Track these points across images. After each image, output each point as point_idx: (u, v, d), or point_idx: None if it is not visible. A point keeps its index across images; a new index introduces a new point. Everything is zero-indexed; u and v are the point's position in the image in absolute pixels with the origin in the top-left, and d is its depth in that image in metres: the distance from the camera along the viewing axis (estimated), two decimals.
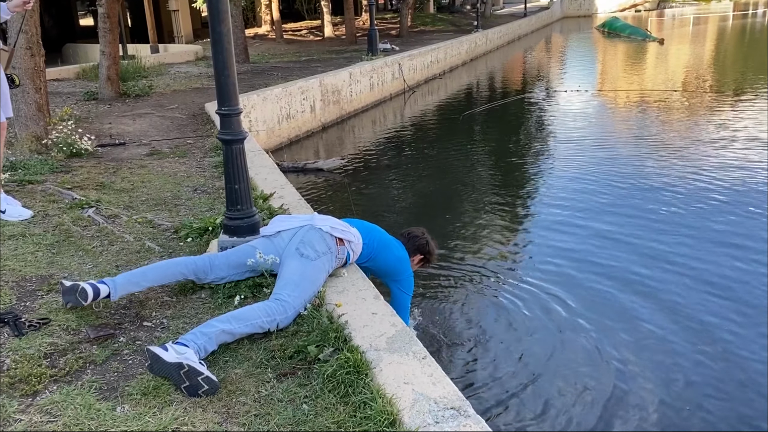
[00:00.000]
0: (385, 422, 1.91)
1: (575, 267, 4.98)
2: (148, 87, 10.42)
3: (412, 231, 3.62)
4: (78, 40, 22.95)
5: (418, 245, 3.55)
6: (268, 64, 15.09)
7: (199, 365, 2.19)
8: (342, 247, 2.96)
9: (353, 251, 3.05)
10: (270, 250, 2.89)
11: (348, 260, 3.03)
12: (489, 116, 12.33)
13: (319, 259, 2.80)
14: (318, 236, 2.87)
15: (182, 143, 6.59)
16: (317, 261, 2.79)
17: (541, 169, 8.18)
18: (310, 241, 2.84)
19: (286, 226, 2.98)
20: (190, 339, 2.32)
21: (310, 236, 2.86)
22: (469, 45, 22.60)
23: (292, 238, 2.89)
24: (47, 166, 5.12)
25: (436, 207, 6.79)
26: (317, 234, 2.88)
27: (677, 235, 5.46)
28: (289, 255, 2.82)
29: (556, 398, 3.40)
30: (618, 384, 3.50)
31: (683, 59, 19.94)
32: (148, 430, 1.95)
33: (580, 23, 41.97)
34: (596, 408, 3.31)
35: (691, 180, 7.00)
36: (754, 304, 4.28)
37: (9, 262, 3.22)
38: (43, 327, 2.57)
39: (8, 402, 2.08)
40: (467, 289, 4.70)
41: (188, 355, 2.21)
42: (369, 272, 3.24)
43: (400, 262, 3.34)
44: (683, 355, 3.76)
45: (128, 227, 3.87)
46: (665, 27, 35.35)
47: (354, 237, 3.05)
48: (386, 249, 3.28)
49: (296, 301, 2.59)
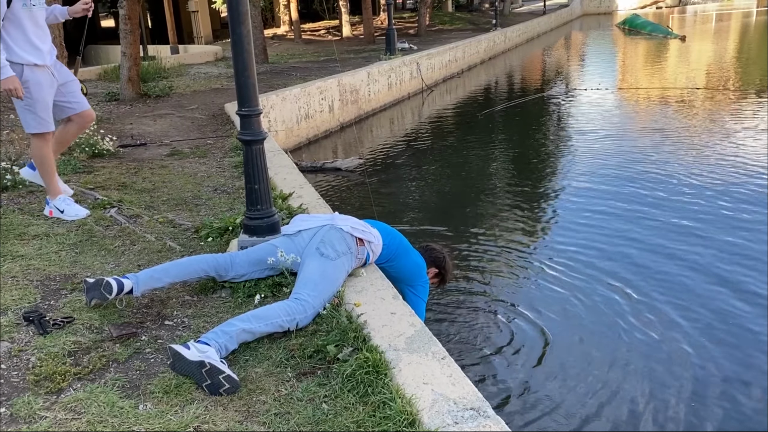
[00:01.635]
0: (404, 422, 1.91)
1: (598, 265, 4.94)
2: (169, 88, 10.52)
3: (431, 245, 3.69)
4: (99, 42, 23.24)
5: (435, 257, 3.59)
6: (287, 64, 15.16)
7: (221, 364, 2.21)
8: (362, 248, 2.97)
9: (373, 252, 3.06)
10: (291, 249, 2.91)
11: (367, 260, 3.05)
12: (508, 115, 12.26)
13: (339, 258, 2.81)
14: (338, 236, 2.89)
15: (202, 143, 6.65)
16: (337, 261, 2.80)
17: (560, 168, 8.12)
18: (330, 241, 2.85)
19: (307, 226, 3.01)
20: (211, 338, 2.34)
21: (331, 236, 2.88)
22: (487, 43, 22.51)
23: (313, 238, 2.91)
24: (70, 167, 5.19)
25: (454, 206, 6.77)
26: (338, 234, 2.89)
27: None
28: (310, 254, 2.83)
29: (578, 398, 3.38)
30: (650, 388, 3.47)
31: (705, 57, 19.67)
32: (170, 428, 1.97)
33: (600, 21, 41.58)
34: (619, 409, 3.28)
35: (713, 176, 6.91)
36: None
37: (33, 261, 3.27)
38: (67, 325, 2.61)
39: (34, 399, 2.12)
40: (487, 289, 4.69)
41: (210, 354, 2.24)
42: (386, 274, 3.25)
43: (417, 267, 3.36)
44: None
45: (150, 227, 3.91)
46: (687, 24, 34.90)
47: (374, 238, 3.06)
48: (406, 253, 3.30)
49: (316, 300, 2.60)
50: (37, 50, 3.71)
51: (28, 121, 3.81)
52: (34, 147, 3.95)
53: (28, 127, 3.84)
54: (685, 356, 3.73)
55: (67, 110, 4.05)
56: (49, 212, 4.02)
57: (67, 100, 4.01)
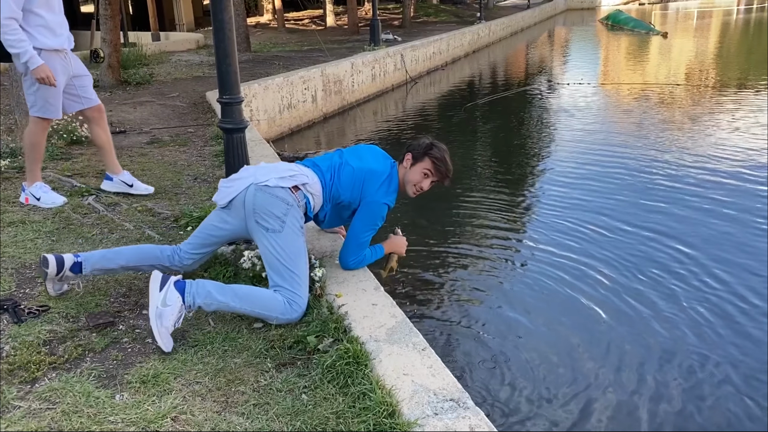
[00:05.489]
0: (384, 413, 1.91)
1: (581, 256, 4.96)
2: (149, 75, 10.38)
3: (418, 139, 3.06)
4: (79, 27, 22.88)
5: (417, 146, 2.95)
6: (270, 53, 15.03)
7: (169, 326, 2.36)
8: (299, 193, 2.69)
9: (311, 193, 2.74)
10: (228, 223, 2.73)
11: (309, 206, 2.74)
12: (491, 108, 12.29)
13: (285, 225, 2.58)
14: (268, 197, 2.61)
15: (183, 132, 6.57)
16: (285, 229, 2.58)
17: (542, 160, 8.16)
18: (263, 207, 2.60)
19: (234, 192, 2.69)
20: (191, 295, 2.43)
21: (262, 200, 2.61)
22: (471, 36, 22.50)
23: (245, 206, 2.64)
24: (47, 153, 5.10)
25: (437, 198, 6.77)
26: (267, 196, 2.61)
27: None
28: (254, 229, 2.63)
29: (562, 390, 3.40)
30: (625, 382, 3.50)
31: (686, 53, 19.86)
32: (147, 418, 1.95)
33: (584, 16, 41.78)
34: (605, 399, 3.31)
35: (692, 167, 6.99)
36: None
37: (9, 248, 3.21)
38: (42, 314, 2.57)
39: (7, 389, 2.08)
40: (470, 280, 4.70)
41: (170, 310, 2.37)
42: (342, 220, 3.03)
43: (364, 174, 2.81)
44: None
45: (128, 215, 3.86)
46: (669, 20, 35.19)
47: (307, 177, 2.74)
48: (346, 166, 2.84)
49: (299, 290, 2.54)
50: (56, 36, 3.72)
51: (35, 102, 3.80)
52: (29, 129, 3.92)
53: (33, 110, 3.83)
54: (681, 344, 3.75)
55: (76, 104, 4.05)
56: (25, 199, 3.96)
57: (78, 94, 4.01)
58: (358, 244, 2.88)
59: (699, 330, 3.93)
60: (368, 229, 2.86)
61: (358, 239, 2.86)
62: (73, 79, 3.94)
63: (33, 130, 3.90)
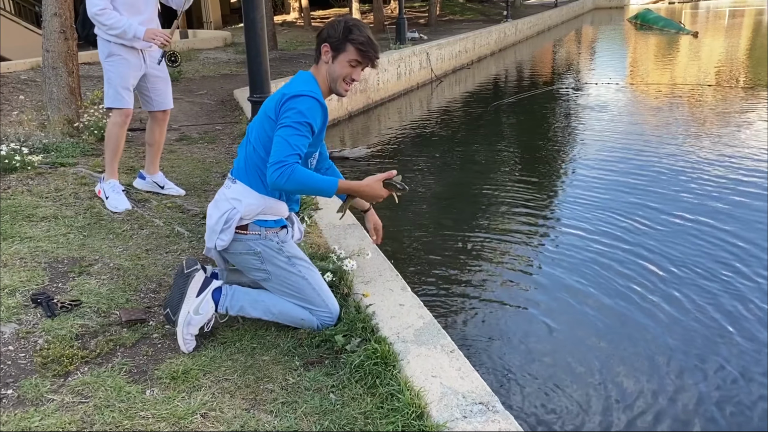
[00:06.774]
0: (412, 415, 1.90)
1: (609, 257, 4.90)
2: (178, 72, 10.48)
3: None
4: None
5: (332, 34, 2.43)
6: (296, 51, 15.09)
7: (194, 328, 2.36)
8: (251, 225, 2.42)
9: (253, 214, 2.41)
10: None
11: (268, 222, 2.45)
12: (517, 107, 12.20)
13: (268, 269, 2.44)
14: (235, 258, 2.51)
15: (211, 129, 6.62)
16: (272, 272, 2.44)
17: (568, 162, 8.07)
18: (242, 267, 2.54)
19: (210, 242, 2.50)
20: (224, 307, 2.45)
21: (235, 261, 2.55)
22: (498, 35, 22.36)
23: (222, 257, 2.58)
24: (78, 149, 5.18)
25: (461, 197, 6.74)
26: (232, 257, 2.52)
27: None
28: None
29: (586, 396, 3.36)
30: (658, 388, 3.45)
31: (717, 53, 19.50)
32: (177, 414, 1.97)
33: (612, 15, 41.24)
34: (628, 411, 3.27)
35: (716, 167, 6.86)
36: None
37: (42, 243, 3.26)
38: (74, 309, 2.61)
39: (41, 382, 2.12)
40: (497, 281, 4.67)
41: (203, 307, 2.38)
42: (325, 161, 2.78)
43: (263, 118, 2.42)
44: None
45: (158, 212, 3.90)
46: (700, 20, 34.59)
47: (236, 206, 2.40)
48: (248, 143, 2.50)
49: (322, 305, 2.45)
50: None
51: (107, 93, 3.94)
52: (109, 121, 4.08)
53: (107, 101, 3.96)
54: (710, 346, 3.69)
55: (147, 103, 4.21)
56: (98, 191, 4.08)
57: (150, 95, 4.15)
58: (286, 144, 2.25)
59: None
60: (293, 125, 2.27)
61: (286, 141, 2.26)
62: (151, 78, 4.06)
63: (110, 120, 4.06)
